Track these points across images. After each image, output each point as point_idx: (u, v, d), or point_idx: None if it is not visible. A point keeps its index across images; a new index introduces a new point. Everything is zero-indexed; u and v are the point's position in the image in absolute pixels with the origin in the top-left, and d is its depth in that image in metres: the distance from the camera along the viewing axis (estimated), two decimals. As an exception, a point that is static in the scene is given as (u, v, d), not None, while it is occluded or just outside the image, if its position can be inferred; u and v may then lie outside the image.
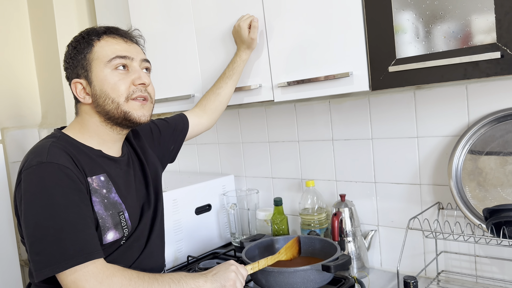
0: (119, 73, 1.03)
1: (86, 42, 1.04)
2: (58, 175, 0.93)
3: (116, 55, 1.03)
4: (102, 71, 1.02)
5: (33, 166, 0.93)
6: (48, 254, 0.89)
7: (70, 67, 1.06)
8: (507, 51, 0.91)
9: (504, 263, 1.26)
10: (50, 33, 2.05)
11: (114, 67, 1.02)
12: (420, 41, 1.03)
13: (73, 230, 0.91)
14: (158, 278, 0.95)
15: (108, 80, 1.02)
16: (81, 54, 1.04)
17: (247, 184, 1.89)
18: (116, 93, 1.02)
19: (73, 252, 0.89)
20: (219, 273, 1.02)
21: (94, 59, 1.03)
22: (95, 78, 1.03)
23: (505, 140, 1.18)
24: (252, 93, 1.41)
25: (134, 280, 0.92)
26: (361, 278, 1.39)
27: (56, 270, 0.89)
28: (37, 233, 0.90)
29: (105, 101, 1.02)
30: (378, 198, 1.49)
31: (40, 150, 0.96)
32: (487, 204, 1.17)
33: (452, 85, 1.29)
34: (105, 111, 1.04)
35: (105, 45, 1.04)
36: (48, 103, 2.14)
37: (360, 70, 1.14)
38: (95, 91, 1.03)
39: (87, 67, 1.03)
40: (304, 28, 1.24)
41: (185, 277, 0.97)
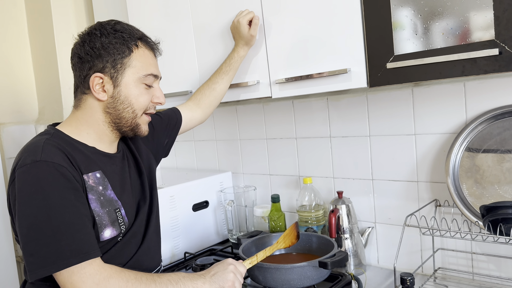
0: (146, 88, 1.06)
1: (124, 45, 1.02)
2: (53, 174, 0.91)
3: (151, 73, 1.06)
4: (133, 81, 1.03)
5: (27, 164, 0.91)
6: (43, 254, 0.88)
7: (97, 58, 1.01)
8: (505, 48, 0.91)
9: (500, 260, 1.26)
10: (47, 29, 2.04)
11: (144, 82, 1.05)
12: (418, 38, 1.03)
13: (69, 230, 0.90)
14: (156, 279, 0.94)
15: (135, 91, 1.04)
16: (115, 54, 1.01)
17: (244, 181, 1.88)
18: (138, 106, 1.05)
19: (69, 253, 0.89)
20: (217, 274, 1.01)
21: (131, 66, 1.03)
22: (124, 83, 1.03)
23: (503, 137, 1.18)
24: (250, 90, 1.41)
25: (132, 282, 0.91)
26: (358, 275, 1.39)
27: (52, 270, 0.88)
28: (32, 233, 0.89)
29: (125, 108, 1.04)
30: (376, 195, 1.49)
31: (34, 148, 0.95)
32: (484, 201, 1.17)
33: (450, 82, 1.29)
34: (120, 117, 1.04)
35: (143, 56, 1.05)
36: (45, 99, 2.13)
37: (358, 67, 1.14)
38: (118, 94, 1.03)
39: (119, 69, 1.02)
40: (303, 24, 1.24)
41: (184, 278, 0.97)
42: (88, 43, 1.02)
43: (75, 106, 1.08)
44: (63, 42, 2.03)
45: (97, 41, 1.01)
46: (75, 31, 2.07)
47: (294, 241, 1.25)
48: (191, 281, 0.97)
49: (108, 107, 1.04)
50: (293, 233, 1.26)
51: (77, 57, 1.04)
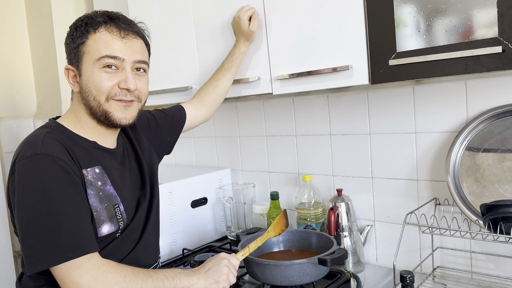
0: (106, 72, 0.99)
1: (81, 32, 1.00)
2: (52, 167, 0.91)
3: (105, 54, 0.99)
4: (91, 67, 0.99)
5: (27, 157, 0.91)
6: (42, 248, 0.88)
7: (66, 52, 1.05)
8: (508, 45, 0.91)
9: (499, 260, 1.26)
10: (46, 22, 2.02)
11: (102, 66, 0.99)
12: (421, 35, 1.02)
13: (68, 224, 0.90)
14: (152, 275, 0.94)
15: (94, 77, 0.99)
16: (75, 43, 1.01)
17: (243, 178, 1.88)
18: (98, 91, 0.99)
19: (68, 246, 0.88)
20: (212, 269, 1.03)
21: (86, 52, 1.00)
22: (84, 71, 1.01)
23: (504, 136, 1.18)
24: (251, 86, 1.40)
25: (129, 277, 0.91)
26: (356, 273, 1.39)
27: (50, 264, 0.88)
28: (31, 226, 0.89)
29: (88, 97, 1.01)
30: (375, 193, 1.49)
31: (34, 141, 0.95)
32: (484, 200, 1.17)
33: (451, 81, 1.28)
34: (89, 107, 1.02)
35: (99, 39, 0.99)
36: (44, 93, 2.12)
37: (360, 64, 1.13)
38: (82, 84, 1.02)
39: (78, 58, 1.01)
40: (304, 20, 1.23)
41: (179, 274, 0.98)
42: (65, 39, 1.05)
43: (71, 99, 1.09)
44: (63, 36, 2.01)
45: (68, 35, 1.04)
46: (74, 25, 2.06)
47: (284, 229, 1.25)
48: (187, 277, 0.98)
49: (82, 97, 1.03)
50: (282, 221, 1.25)
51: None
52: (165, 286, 0.94)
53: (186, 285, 0.97)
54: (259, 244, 1.18)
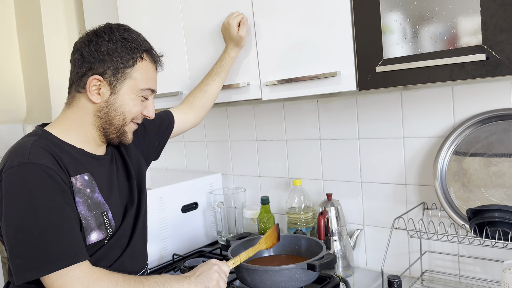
0: (140, 100, 1.06)
1: (129, 55, 1.02)
2: (40, 176, 0.90)
3: (150, 87, 1.06)
4: (131, 92, 1.03)
5: (15, 166, 0.90)
6: (31, 257, 0.87)
7: (99, 62, 1.00)
8: (492, 53, 0.92)
9: (486, 263, 1.27)
10: (36, 27, 2.02)
11: (141, 95, 1.05)
12: (407, 42, 1.04)
13: (56, 232, 0.89)
14: (143, 281, 0.95)
15: (131, 101, 1.04)
16: (119, 62, 1.00)
17: (234, 182, 1.88)
18: (129, 114, 1.05)
19: (57, 256, 0.88)
20: (202, 275, 1.03)
21: (131, 77, 1.03)
22: (121, 93, 1.02)
23: (490, 141, 1.20)
24: (241, 91, 1.41)
25: (120, 284, 0.91)
26: (346, 277, 1.40)
27: (40, 273, 0.87)
28: (19, 235, 0.88)
29: (117, 116, 1.04)
30: (364, 198, 1.50)
31: (21, 150, 0.94)
32: (471, 204, 1.19)
33: (438, 87, 1.30)
34: (109, 122, 1.04)
35: (145, 69, 1.05)
36: (33, 98, 2.11)
37: (347, 70, 1.14)
38: (113, 101, 1.02)
39: (119, 78, 1.01)
40: (293, 27, 1.24)
41: (170, 280, 0.98)
42: (94, 44, 1.01)
43: (68, 104, 1.06)
44: (52, 41, 2.01)
45: (104, 45, 1.00)
46: (64, 30, 2.05)
47: (275, 242, 1.26)
48: (177, 283, 0.98)
49: (100, 111, 1.03)
50: (274, 234, 1.26)
51: (79, 54, 1.02)
52: None
53: None
54: (250, 254, 1.18)
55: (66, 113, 1.06)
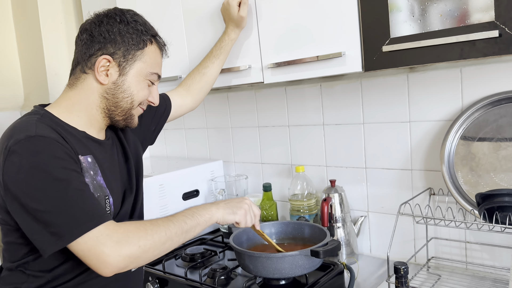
0: (149, 85, 1.06)
1: (140, 37, 1.01)
2: (51, 146, 0.87)
3: (157, 72, 1.06)
4: (140, 75, 1.03)
5: (22, 140, 0.86)
6: (58, 226, 0.84)
7: (110, 42, 0.99)
8: (505, 29, 0.88)
9: (494, 249, 1.24)
10: (32, 12, 1.97)
11: (148, 79, 1.05)
12: (415, 20, 0.99)
13: (79, 197, 0.87)
14: (171, 219, 0.93)
15: (139, 84, 1.03)
16: (130, 44, 1.00)
17: (236, 169, 1.85)
18: (137, 97, 1.04)
19: (84, 219, 0.85)
20: (232, 203, 1.05)
21: (141, 60, 1.02)
22: (130, 74, 1.01)
23: (499, 125, 1.16)
24: (241, 75, 1.37)
25: (150, 229, 0.89)
26: (350, 264, 1.37)
27: (70, 238, 0.84)
28: (42, 207, 0.84)
29: (125, 98, 1.02)
30: (369, 184, 1.47)
31: (25, 125, 0.90)
32: (480, 189, 1.15)
33: (446, 68, 1.26)
34: (116, 105, 1.02)
35: (154, 53, 1.05)
36: (31, 84, 2.07)
37: (353, 50, 1.10)
38: (122, 83, 1.01)
39: (129, 59, 1.00)
40: (296, 6, 1.20)
41: (197, 210, 0.98)
42: (105, 24, 0.99)
43: (70, 85, 1.03)
44: (49, 26, 1.97)
45: (115, 26, 0.99)
46: (61, 15, 2.00)
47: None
48: (205, 210, 0.99)
49: (107, 92, 1.01)
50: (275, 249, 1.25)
51: (88, 34, 1.00)
52: (188, 226, 0.94)
53: (207, 218, 0.98)
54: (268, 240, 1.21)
55: (68, 94, 1.02)
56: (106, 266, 0.84)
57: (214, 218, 1.00)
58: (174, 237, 0.91)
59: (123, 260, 0.84)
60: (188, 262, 1.44)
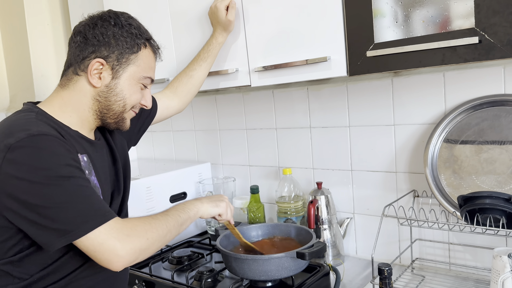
0: (141, 88, 1.07)
1: (134, 41, 1.01)
2: (53, 143, 0.87)
3: (150, 76, 1.07)
4: (133, 78, 1.03)
5: (24, 138, 0.85)
6: (65, 220, 0.84)
7: (104, 45, 0.98)
8: (485, 36, 0.90)
9: (476, 251, 1.27)
10: (18, 13, 1.95)
11: (141, 82, 1.05)
12: (398, 26, 1.01)
13: (85, 193, 0.87)
14: (167, 213, 0.98)
15: (131, 87, 1.03)
16: (124, 47, 1.00)
17: (224, 172, 1.86)
18: (130, 101, 1.04)
19: (93, 213, 0.86)
20: (212, 198, 1.12)
21: (135, 64, 1.02)
22: (123, 78, 1.01)
23: (481, 128, 1.18)
24: (229, 78, 1.37)
25: (153, 222, 0.93)
26: (336, 265, 1.39)
27: (80, 233, 0.84)
28: (46, 203, 0.84)
29: (117, 101, 1.02)
30: (355, 186, 1.48)
31: (24, 124, 0.89)
32: (462, 191, 1.17)
33: (429, 72, 1.28)
34: (108, 108, 1.02)
35: (148, 57, 1.05)
36: (17, 86, 2.05)
37: (338, 55, 1.12)
38: (114, 86, 1.01)
39: (123, 63, 1.00)
40: (282, 11, 1.21)
41: (185, 205, 1.04)
42: (99, 27, 0.99)
43: (62, 85, 1.02)
44: (35, 28, 1.96)
45: (109, 29, 0.99)
46: (47, 16, 1.99)
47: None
48: (193, 205, 1.05)
49: (100, 95, 1.01)
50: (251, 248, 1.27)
51: (81, 36, 0.99)
52: (182, 219, 0.99)
53: (195, 212, 1.04)
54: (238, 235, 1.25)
55: (60, 94, 1.01)
56: (118, 260, 0.85)
57: (200, 212, 1.06)
58: (172, 229, 0.96)
59: (134, 253, 0.87)
60: (175, 265, 1.44)
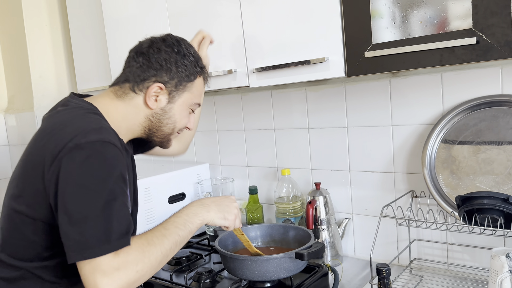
0: (189, 112, 1.11)
1: (192, 70, 1.05)
2: (118, 156, 0.89)
3: (199, 102, 1.12)
4: (184, 103, 1.07)
5: (94, 142, 0.86)
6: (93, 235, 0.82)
7: (165, 71, 1.02)
8: (482, 37, 0.91)
9: (475, 251, 1.27)
10: (16, 14, 1.95)
11: (191, 108, 1.10)
12: (396, 26, 1.02)
13: (120, 212, 0.86)
14: (165, 233, 0.92)
15: (182, 112, 1.08)
16: (183, 75, 1.04)
17: (222, 172, 1.86)
18: (179, 125, 1.09)
19: (119, 234, 0.84)
20: (223, 206, 1.05)
21: (190, 91, 1.07)
22: (177, 103, 1.05)
23: (478, 128, 1.19)
24: (227, 78, 1.37)
25: (147, 250, 0.87)
26: (334, 266, 1.39)
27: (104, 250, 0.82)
28: (85, 211, 0.83)
29: (168, 124, 1.06)
30: (353, 187, 1.49)
31: (94, 125, 0.90)
32: (460, 192, 1.18)
33: (427, 73, 1.28)
34: (159, 128, 1.06)
35: (200, 85, 1.09)
36: (15, 87, 2.05)
37: (336, 56, 1.12)
38: (169, 110, 1.05)
39: (180, 89, 1.05)
40: (280, 12, 1.21)
41: (188, 216, 0.97)
42: (163, 53, 1.02)
43: (117, 96, 1.03)
44: (33, 28, 1.95)
45: (172, 56, 1.03)
46: (46, 17, 1.99)
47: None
48: (196, 216, 0.98)
49: (153, 116, 1.05)
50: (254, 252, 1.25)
51: (145, 58, 1.02)
52: (181, 238, 0.94)
53: (198, 224, 0.98)
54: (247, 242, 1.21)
55: (115, 103, 1.03)
56: None
57: (205, 222, 1.01)
58: (168, 253, 0.91)
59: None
60: (173, 266, 1.44)
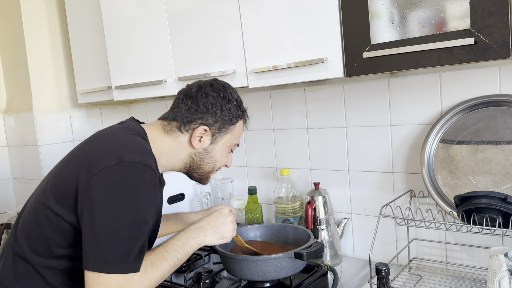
0: (228, 152, 1.16)
1: (234, 114, 1.11)
2: (154, 182, 0.94)
3: (237, 143, 1.17)
4: (225, 145, 1.12)
5: (136, 163, 0.92)
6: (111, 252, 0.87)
7: (211, 115, 1.07)
8: (480, 37, 0.91)
9: (473, 250, 1.28)
10: (14, 15, 1.95)
11: (230, 149, 1.15)
12: (395, 27, 1.02)
13: (141, 236, 0.91)
14: (166, 256, 0.96)
15: (223, 153, 1.13)
16: (226, 120, 1.09)
17: (221, 173, 1.86)
18: (219, 164, 1.14)
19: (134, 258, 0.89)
20: (218, 225, 1.09)
21: (230, 133, 1.12)
22: (219, 144, 1.11)
23: (477, 128, 1.19)
24: (226, 79, 1.36)
25: (150, 273, 0.92)
26: (334, 265, 1.39)
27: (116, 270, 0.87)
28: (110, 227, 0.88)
29: (209, 163, 1.11)
30: (352, 186, 1.49)
31: (141, 148, 0.96)
32: (458, 191, 1.18)
33: (426, 73, 1.29)
34: (200, 166, 1.11)
35: (240, 127, 1.15)
36: (14, 88, 2.05)
37: (335, 56, 1.12)
38: (211, 150, 1.10)
39: (222, 131, 1.10)
40: (279, 12, 1.21)
41: (187, 240, 1.02)
42: (210, 98, 1.08)
43: (166, 131, 1.09)
44: (32, 29, 1.95)
45: (218, 101, 1.09)
46: (44, 18, 1.99)
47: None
48: (194, 239, 1.03)
49: (196, 154, 1.10)
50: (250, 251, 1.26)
51: (193, 101, 1.08)
52: (178, 260, 0.98)
53: (195, 247, 1.03)
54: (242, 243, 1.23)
55: (163, 137, 1.08)
56: None
57: (202, 245, 1.05)
58: (166, 274, 0.96)
59: None
60: (173, 266, 1.44)
